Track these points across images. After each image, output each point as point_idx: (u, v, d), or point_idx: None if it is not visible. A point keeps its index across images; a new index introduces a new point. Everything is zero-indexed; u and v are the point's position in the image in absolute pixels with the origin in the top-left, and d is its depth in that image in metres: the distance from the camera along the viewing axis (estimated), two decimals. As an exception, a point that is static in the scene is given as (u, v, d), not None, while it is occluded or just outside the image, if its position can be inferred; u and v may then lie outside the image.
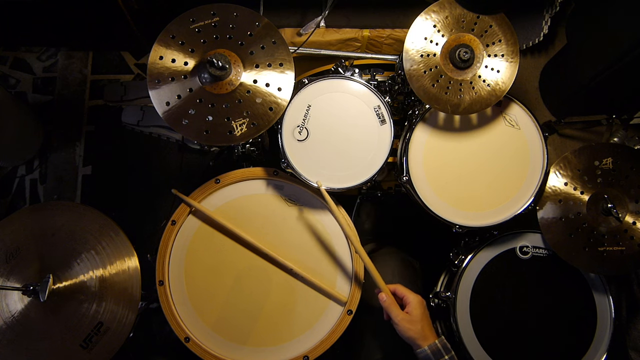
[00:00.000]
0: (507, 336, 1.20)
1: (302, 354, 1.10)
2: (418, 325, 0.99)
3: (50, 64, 1.90)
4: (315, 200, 1.17)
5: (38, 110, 1.85)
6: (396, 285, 1.05)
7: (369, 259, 1.05)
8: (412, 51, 1.08)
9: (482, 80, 1.09)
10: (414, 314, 1.00)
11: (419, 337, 0.98)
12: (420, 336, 0.98)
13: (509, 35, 1.09)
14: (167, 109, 0.99)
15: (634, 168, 1.16)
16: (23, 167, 1.81)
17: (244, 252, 1.15)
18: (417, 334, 0.98)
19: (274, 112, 1.02)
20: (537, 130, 1.18)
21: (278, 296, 1.14)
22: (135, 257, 1.08)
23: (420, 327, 0.99)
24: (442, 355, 0.97)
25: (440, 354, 0.97)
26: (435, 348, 0.97)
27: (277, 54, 1.03)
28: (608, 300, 1.20)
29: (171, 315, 1.10)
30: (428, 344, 0.97)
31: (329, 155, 1.11)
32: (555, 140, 1.80)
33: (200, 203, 1.15)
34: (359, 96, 1.13)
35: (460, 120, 1.18)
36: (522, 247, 1.23)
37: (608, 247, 1.14)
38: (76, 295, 1.04)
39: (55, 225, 1.09)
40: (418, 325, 0.99)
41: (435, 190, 1.16)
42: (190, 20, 1.02)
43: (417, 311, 1.00)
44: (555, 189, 1.18)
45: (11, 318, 1.03)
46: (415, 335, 0.98)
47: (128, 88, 1.72)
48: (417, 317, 0.99)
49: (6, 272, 1.05)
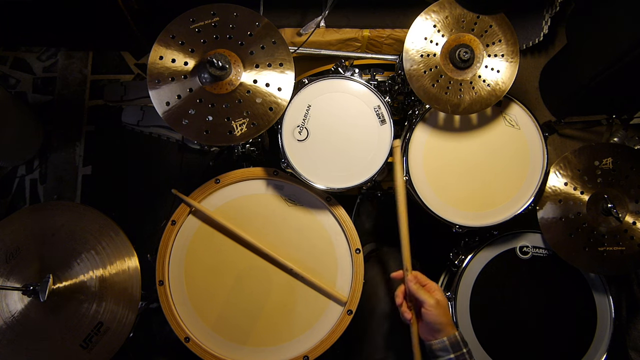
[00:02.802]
0: (507, 336, 1.20)
1: (302, 354, 1.10)
2: (448, 311, 0.95)
3: (50, 64, 1.90)
4: (316, 200, 1.17)
5: (38, 110, 1.85)
6: (416, 272, 1.01)
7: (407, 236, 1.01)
8: (412, 51, 1.08)
9: (482, 80, 1.09)
10: (441, 299, 0.95)
11: (449, 322, 0.94)
12: (450, 322, 0.94)
13: (509, 35, 1.09)
14: (167, 109, 0.99)
15: (634, 168, 1.16)
16: (23, 167, 1.81)
17: (244, 252, 1.15)
18: (448, 319, 0.94)
19: (274, 112, 1.02)
20: (537, 130, 1.18)
21: (278, 296, 1.14)
22: (135, 257, 1.08)
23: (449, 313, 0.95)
24: (460, 348, 0.93)
25: (458, 347, 0.93)
26: (454, 340, 0.93)
27: (277, 54, 1.03)
28: (608, 300, 1.20)
29: (171, 315, 1.10)
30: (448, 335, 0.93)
31: (329, 155, 1.11)
32: (555, 140, 1.80)
33: (200, 203, 1.15)
34: (359, 96, 1.13)
35: (460, 120, 1.18)
36: (522, 247, 1.23)
37: (608, 247, 1.15)
38: (76, 295, 1.04)
39: (55, 225, 1.09)
40: (448, 311, 0.95)
41: (435, 190, 1.16)
42: (190, 20, 1.02)
43: (441, 296, 0.96)
44: (555, 189, 1.18)
45: (11, 318, 1.03)
46: (446, 321, 0.93)
47: (128, 88, 1.72)
48: (444, 303, 0.95)
49: (6, 272, 1.05)
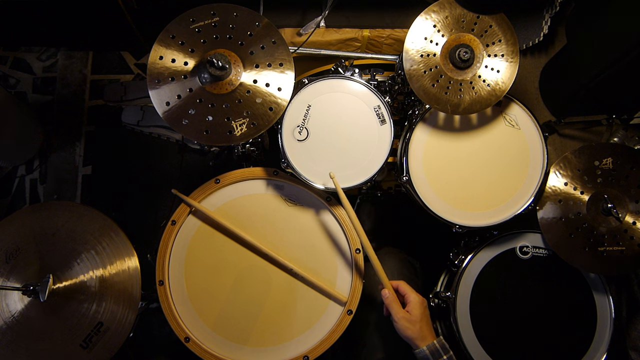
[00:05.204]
0: (507, 336, 1.20)
1: (302, 353, 1.10)
2: (417, 325, 0.99)
3: (50, 64, 1.90)
4: (316, 200, 1.17)
5: (38, 110, 1.85)
6: (399, 282, 1.05)
7: (375, 255, 1.05)
8: (412, 51, 1.08)
9: (482, 80, 1.09)
10: (414, 313, 1.00)
11: (417, 337, 0.98)
12: (418, 336, 0.98)
13: (509, 35, 1.09)
14: (167, 109, 0.99)
15: (634, 168, 1.16)
16: (23, 167, 1.81)
17: (244, 252, 1.15)
18: (415, 334, 0.98)
19: (274, 112, 1.02)
20: (537, 130, 1.18)
21: (278, 296, 1.14)
22: (135, 257, 1.08)
23: (419, 327, 0.99)
24: (440, 356, 0.97)
25: (438, 354, 0.97)
26: (433, 348, 0.98)
27: (277, 54, 1.03)
28: (608, 300, 1.20)
29: (171, 315, 1.10)
30: (426, 344, 0.98)
31: (329, 155, 1.11)
32: (555, 140, 1.80)
33: (200, 203, 1.15)
34: (359, 96, 1.13)
35: (460, 120, 1.18)
36: (522, 247, 1.23)
37: (608, 247, 1.14)
38: (76, 295, 1.04)
39: (55, 225, 1.09)
40: (417, 325, 0.99)
41: (435, 190, 1.16)
42: (190, 20, 1.02)
43: (417, 311, 1.00)
44: (555, 189, 1.18)
45: (11, 318, 1.03)
46: (413, 335, 0.98)
47: (128, 88, 1.72)
48: (417, 317, 0.99)
49: (6, 272, 1.05)
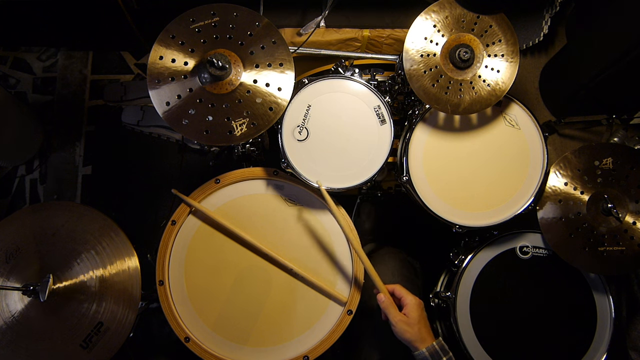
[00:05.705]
0: (507, 336, 1.20)
1: (302, 353, 1.10)
2: (415, 328, 0.98)
3: (50, 64, 1.90)
4: (315, 200, 1.17)
5: (38, 110, 1.85)
6: (395, 286, 1.05)
7: (368, 260, 1.05)
8: (412, 51, 1.08)
9: (482, 80, 1.09)
10: (412, 316, 1.00)
11: (416, 339, 0.98)
12: (417, 338, 0.98)
13: (509, 35, 1.09)
14: (167, 109, 0.99)
15: (634, 168, 1.16)
16: (23, 167, 1.81)
17: (244, 252, 1.15)
18: (414, 337, 0.98)
19: (274, 112, 1.02)
20: (537, 130, 1.18)
21: (278, 296, 1.14)
22: (135, 257, 1.08)
23: (417, 330, 0.98)
24: (440, 357, 0.97)
25: (438, 356, 0.97)
26: (433, 350, 0.97)
27: (277, 54, 1.03)
28: (608, 300, 1.20)
29: (171, 315, 1.10)
30: (425, 346, 0.97)
31: (329, 155, 1.11)
32: (555, 140, 1.80)
33: (200, 203, 1.15)
34: (359, 96, 1.13)
35: (460, 120, 1.18)
36: (522, 247, 1.23)
37: (608, 247, 1.14)
38: (76, 295, 1.04)
39: (55, 225, 1.09)
40: (415, 328, 0.98)
41: (435, 190, 1.16)
42: (190, 20, 1.01)
43: (414, 313, 1.00)
44: (555, 189, 1.18)
45: (11, 318, 1.03)
46: (412, 338, 0.98)
47: (128, 88, 1.72)
48: (415, 320, 0.99)
49: (6, 272, 1.05)
